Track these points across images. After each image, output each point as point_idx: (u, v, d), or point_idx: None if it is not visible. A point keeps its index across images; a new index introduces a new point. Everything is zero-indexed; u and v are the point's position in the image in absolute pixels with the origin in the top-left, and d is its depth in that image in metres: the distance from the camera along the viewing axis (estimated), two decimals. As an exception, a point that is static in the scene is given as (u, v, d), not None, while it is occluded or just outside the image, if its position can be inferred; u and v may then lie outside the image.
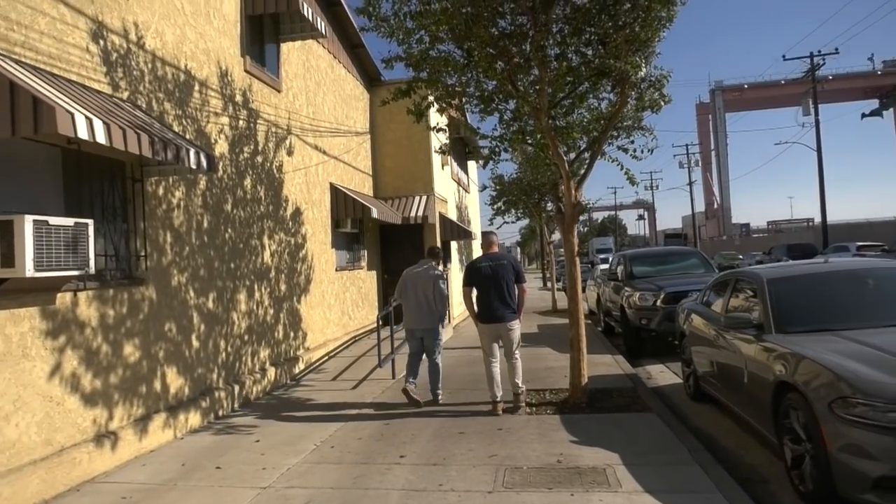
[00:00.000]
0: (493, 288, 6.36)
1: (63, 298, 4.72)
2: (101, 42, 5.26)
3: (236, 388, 7.09)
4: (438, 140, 13.76)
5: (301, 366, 8.99)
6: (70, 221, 4.39)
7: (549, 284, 25.71)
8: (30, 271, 4.03)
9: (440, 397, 6.92)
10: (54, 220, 4.25)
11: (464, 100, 7.61)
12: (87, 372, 4.92)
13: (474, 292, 6.60)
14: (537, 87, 6.55)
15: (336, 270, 10.88)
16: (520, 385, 6.40)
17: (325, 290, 10.25)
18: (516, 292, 6.47)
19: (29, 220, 4.03)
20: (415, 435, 5.62)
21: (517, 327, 6.45)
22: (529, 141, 7.86)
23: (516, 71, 6.49)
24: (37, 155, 4.71)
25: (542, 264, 40.09)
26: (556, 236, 30.06)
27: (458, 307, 14.17)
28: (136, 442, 5.37)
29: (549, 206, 18.93)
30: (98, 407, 5.02)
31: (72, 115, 3.94)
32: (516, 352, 6.44)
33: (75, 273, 4.46)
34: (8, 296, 4.21)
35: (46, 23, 4.69)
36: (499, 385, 6.31)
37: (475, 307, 6.61)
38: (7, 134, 3.91)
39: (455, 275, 15.62)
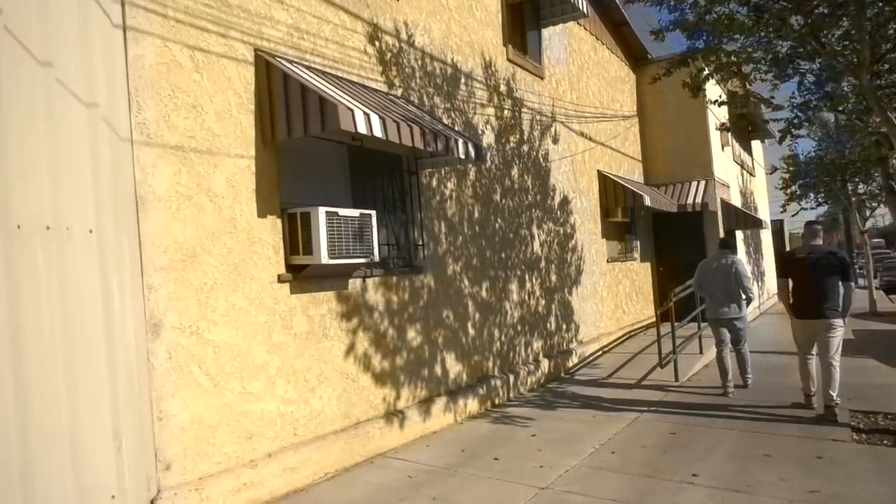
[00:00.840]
0: (813, 282, 5.58)
1: (354, 284, 5.08)
2: (376, 43, 5.59)
3: (511, 377, 7.03)
4: (717, 118, 12.36)
5: (574, 360, 8.64)
6: (356, 213, 4.68)
7: (861, 282, 21.30)
8: (325, 258, 4.37)
9: (749, 380, 6.95)
10: (343, 212, 4.56)
11: (749, 66, 6.60)
12: (376, 353, 5.23)
13: (790, 284, 5.85)
14: (851, 41, 5.29)
15: (607, 262, 10.31)
16: (834, 396, 5.44)
17: (596, 282, 9.76)
18: (841, 290, 5.50)
19: (322, 212, 4.38)
20: (708, 451, 4.82)
21: (838, 329, 5.52)
22: (840, 108, 6.45)
23: (820, 25, 5.34)
24: (328, 153, 5.16)
25: (850, 257, 33.73)
26: (870, 223, 24.85)
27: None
28: (420, 423, 5.57)
29: (861, 187, 15.63)
30: (386, 386, 5.31)
31: (352, 111, 4.15)
32: (834, 357, 5.53)
33: (362, 261, 4.74)
34: (309, 281, 4.64)
35: (330, 30, 5.10)
36: (814, 380, 5.57)
37: (790, 300, 5.85)
38: (301, 133, 4.29)
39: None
